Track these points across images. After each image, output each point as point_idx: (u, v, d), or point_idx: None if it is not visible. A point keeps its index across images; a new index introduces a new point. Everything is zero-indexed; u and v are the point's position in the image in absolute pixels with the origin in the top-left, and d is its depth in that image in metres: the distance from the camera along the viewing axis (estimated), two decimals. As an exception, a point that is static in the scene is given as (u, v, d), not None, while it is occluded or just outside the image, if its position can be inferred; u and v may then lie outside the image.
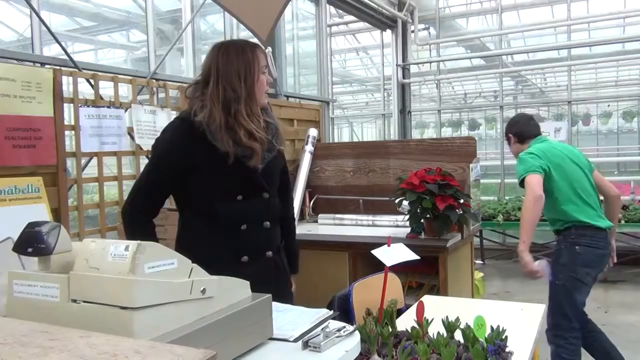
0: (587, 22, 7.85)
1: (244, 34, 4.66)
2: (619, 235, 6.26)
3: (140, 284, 0.99)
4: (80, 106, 2.98)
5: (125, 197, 3.37)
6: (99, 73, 3.20)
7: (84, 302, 1.02)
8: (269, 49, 4.25)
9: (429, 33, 8.30)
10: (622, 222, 5.69)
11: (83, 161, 3.11)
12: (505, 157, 7.72)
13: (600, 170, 3.40)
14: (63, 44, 3.11)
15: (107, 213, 3.19)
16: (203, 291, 1.11)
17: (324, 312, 1.43)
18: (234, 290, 1.23)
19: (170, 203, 3.68)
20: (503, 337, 1.50)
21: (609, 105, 9.60)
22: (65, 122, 2.92)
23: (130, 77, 3.42)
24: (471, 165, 3.42)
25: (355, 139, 12.77)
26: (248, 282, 1.29)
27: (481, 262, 6.68)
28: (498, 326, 1.53)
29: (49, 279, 1.07)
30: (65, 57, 3.10)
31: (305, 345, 1.21)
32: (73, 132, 3.01)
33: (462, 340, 1.53)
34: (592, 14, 7.67)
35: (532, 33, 8.26)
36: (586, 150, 10.97)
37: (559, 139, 7.28)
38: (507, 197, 7.16)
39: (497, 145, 7.58)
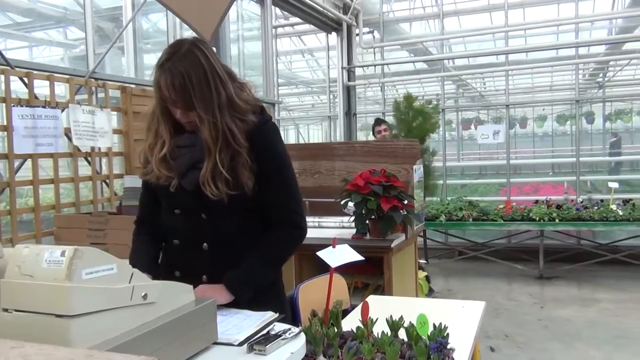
0: (523, 29, 8.18)
1: (188, 33, 4.58)
2: (553, 233, 6.55)
3: (77, 291, 0.95)
4: (13, 106, 2.86)
5: (61, 200, 3.26)
6: (34, 71, 3.08)
7: (17, 311, 0.97)
8: (214, 49, 4.19)
9: (374, 36, 8.41)
10: (557, 220, 5.94)
11: (16, 163, 2.98)
12: (447, 159, 7.93)
13: (535, 171, 3.53)
14: (-6, 40, 2.98)
15: (42, 217, 3.06)
16: (144, 296, 1.09)
17: (269, 315, 1.42)
18: (177, 295, 1.20)
19: (110, 207, 3.58)
20: (445, 334, 1.54)
21: (544, 109, 10.01)
22: (-3, 123, 2.79)
23: (67, 76, 3.31)
24: (415, 166, 3.49)
25: (301, 141, 12.78)
26: (191, 287, 1.26)
27: (424, 261, 6.82)
28: (440, 324, 1.57)
29: (-23, 287, 1.02)
30: (-4, 54, 2.96)
31: (251, 348, 1.21)
32: (5, 133, 2.88)
33: (406, 339, 1.55)
34: (528, 21, 8.00)
35: (472, 38, 8.53)
36: (523, 152, 11.44)
37: (497, 141, 7.55)
38: (449, 198, 7.36)
39: (440, 148, 7.75)
